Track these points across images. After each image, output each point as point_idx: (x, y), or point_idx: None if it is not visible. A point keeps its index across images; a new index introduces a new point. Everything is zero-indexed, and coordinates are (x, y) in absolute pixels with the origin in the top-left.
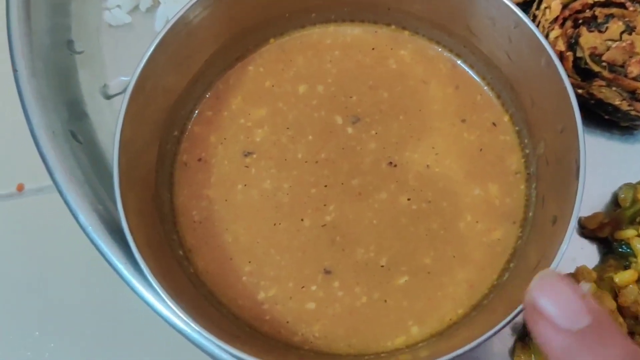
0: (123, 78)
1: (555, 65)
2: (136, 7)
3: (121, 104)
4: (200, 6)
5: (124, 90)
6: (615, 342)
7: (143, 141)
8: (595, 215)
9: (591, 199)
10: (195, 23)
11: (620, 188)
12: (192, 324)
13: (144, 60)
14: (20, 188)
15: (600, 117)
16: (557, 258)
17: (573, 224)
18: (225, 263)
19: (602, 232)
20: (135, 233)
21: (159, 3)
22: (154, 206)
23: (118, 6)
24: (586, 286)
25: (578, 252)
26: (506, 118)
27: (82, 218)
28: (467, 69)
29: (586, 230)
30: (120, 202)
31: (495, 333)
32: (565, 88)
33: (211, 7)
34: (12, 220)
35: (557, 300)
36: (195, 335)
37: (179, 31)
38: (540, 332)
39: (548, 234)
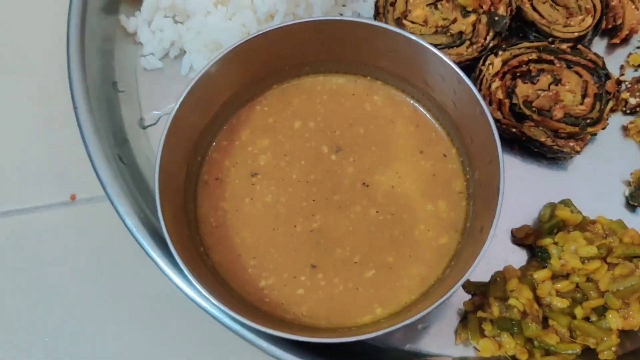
0: (155, 112)
1: (486, 114)
2: (166, 55)
3: (160, 136)
4: (220, 62)
5: (157, 122)
6: None
7: (175, 165)
8: (523, 227)
9: (522, 213)
10: (216, 75)
11: (543, 206)
12: (213, 301)
13: (178, 103)
14: (73, 198)
15: (531, 150)
16: (479, 257)
17: (493, 231)
18: (235, 258)
19: (528, 240)
20: (171, 233)
21: (185, 52)
22: (183, 214)
23: (152, 54)
24: None
25: (509, 256)
26: (454, 151)
27: (129, 222)
28: (424, 112)
29: (516, 238)
30: (160, 210)
31: (434, 309)
32: (492, 132)
33: (228, 63)
34: (66, 225)
35: None
36: (214, 311)
37: (204, 81)
38: None
39: (478, 239)
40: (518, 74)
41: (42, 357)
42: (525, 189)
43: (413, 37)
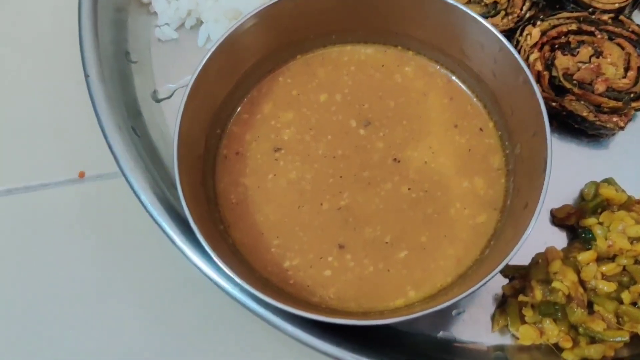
0: (170, 85)
1: (530, 83)
2: (182, 25)
3: (179, 105)
4: (243, 27)
5: (171, 96)
6: None
7: (194, 137)
8: (564, 207)
9: (562, 193)
10: (239, 41)
11: (585, 184)
12: (237, 279)
13: (198, 71)
14: (81, 175)
15: (571, 126)
16: (526, 234)
17: (540, 207)
18: (257, 237)
19: (570, 220)
20: (190, 207)
21: (202, 22)
22: (202, 189)
23: (167, 24)
24: None
25: (549, 238)
26: (491, 124)
27: (144, 197)
28: (460, 83)
29: (556, 219)
30: (179, 184)
31: (472, 293)
32: (537, 101)
33: (251, 29)
34: (75, 203)
35: None
36: (236, 292)
37: (225, 48)
38: None
39: (521, 217)
40: (557, 46)
41: (46, 346)
42: (564, 168)
43: (451, 1)
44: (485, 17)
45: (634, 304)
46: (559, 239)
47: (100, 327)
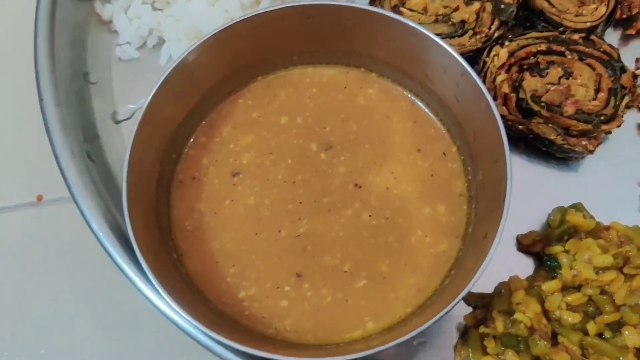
0: (131, 106)
1: (492, 109)
2: (144, 44)
3: (130, 131)
4: (199, 50)
5: (131, 117)
6: None
7: (147, 163)
8: (529, 233)
9: (528, 218)
10: (195, 64)
11: (552, 210)
12: (184, 315)
13: (151, 95)
14: (39, 198)
15: (539, 149)
16: (483, 265)
17: (499, 238)
18: (212, 266)
19: (535, 247)
20: (138, 239)
21: (164, 41)
22: (154, 217)
23: (128, 43)
24: None
25: (515, 265)
26: (454, 149)
27: (95, 225)
28: (423, 107)
29: (522, 245)
30: (127, 213)
31: (432, 324)
32: (498, 128)
33: (208, 51)
34: (32, 226)
35: None
36: (187, 326)
37: (181, 70)
38: None
39: (481, 246)
40: (525, 67)
41: None
42: (532, 192)
43: (413, 24)
44: (452, 36)
45: (599, 335)
46: (525, 266)
47: (52, 355)
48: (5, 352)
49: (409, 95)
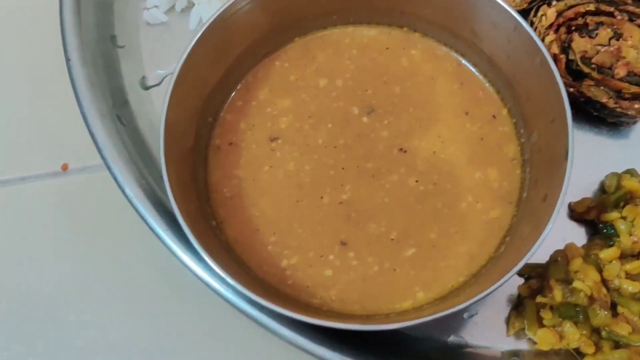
0: (160, 72)
1: (548, 64)
2: (172, 8)
3: (165, 91)
4: (236, 7)
5: (161, 82)
6: None
7: (183, 126)
8: (583, 200)
9: (580, 186)
10: (230, 22)
11: (606, 176)
12: (229, 279)
13: (186, 54)
14: (65, 167)
15: (590, 113)
16: (546, 229)
17: (562, 198)
18: (252, 234)
19: (590, 215)
20: (179, 203)
21: (193, 4)
22: (192, 182)
23: (156, 6)
24: None
25: (568, 233)
26: (504, 111)
27: (129, 190)
28: (471, 67)
29: (575, 213)
30: (167, 176)
31: (487, 295)
32: (557, 84)
33: (245, 8)
34: (57, 198)
35: None
36: (229, 294)
37: (216, 29)
38: None
39: (540, 211)
40: (574, 27)
41: (27, 345)
42: (582, 158)
43: None
44: None
45: None
46: (577, 235)
47: (84, 327)
48: (24, 337)
49: (455, 55)
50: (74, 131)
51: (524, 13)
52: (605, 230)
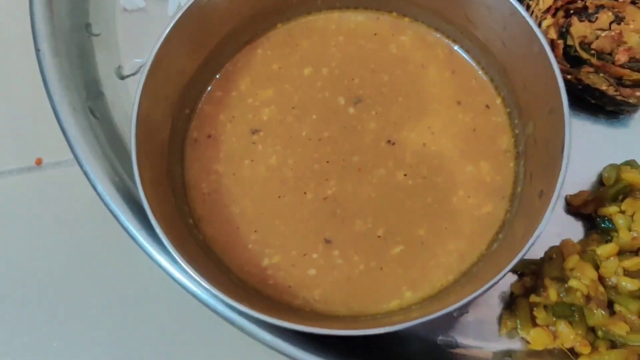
0: (137, 60)
1: (546, 52)
2: None
3: (138, 81)
4: None
5: (138, 72)
6: None
7: (157, 118)
8: (580, 193)
9: (577, 178)
10: (208, 8)
11: (604, 168)
12: (205, 284)
13: (161, 41)
14: (38, 162)
15: (588, 101)
16: (540, 226)
17: (557, 194)
18: (232, 232)
19: (587, 208)
20: (151, 202)
21: None
22: (167, 179)
23: None
24: None
25: (564, 228)
26: (498, 101)
27: (101, 188)
28: (463, 54)
29: (572, 207)
30: (138, 173)
31: (480, 295)
32: (554, 73)
33: None
34: (32, 192)
35: None
36: (205, 297)
37: (193, 15)
38: None
39: (535, 206)
40: (573, 11)
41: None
42: (580, 148)
43: None
44: None
45: None
46: (574, 230)
47: (56, 336)
48: (11, 324)
49: (447, 42)
50: (48, 125)
51: None
52: (603, 225)
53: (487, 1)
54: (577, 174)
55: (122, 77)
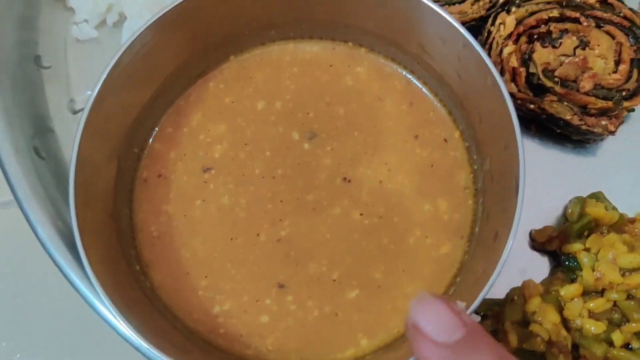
0: (89, 93)
1: (499, 86)
2: (103, 22)
3: (79, 121)
4: (158, 25)
5: None
6: (487, 349)
7: (102, 158)
8: (545, 229)
9: (543, 211)
10: (155, 42)
11: (569, 202)
12: (143, 343)
13: (102, 79)
14: None
15: (553, 131)
16: (495, 272)
17: (512, 240)
18: (181, 277)
19: (551, 245)
20: (88, 249)
21: (126, 18)
22: (112, 222)
23: (85, 21)
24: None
25: (528, 265)
26: (457, 134)
27: (41, 232)
28: (420, 86)
29: (536, 243)
30: (75, 219)
31: None
32: (507, 107)
33: (170, 26)
34: None
35: (434, 318)
36: (150, 353)
37: (137, 50)
38: (421, 348)
39: (491, 248)
40: (536, 36)
41: None
42: (545, 181)
43: None
44: (451, 3)
45: (626, 346)
46: (539, 266)
47: None
48: None
49: (404, 73)
50: None
51: (482, 21)
52: (567, 263)
53: (440, 32)
54: (543, 206)
55: (74, 112)
